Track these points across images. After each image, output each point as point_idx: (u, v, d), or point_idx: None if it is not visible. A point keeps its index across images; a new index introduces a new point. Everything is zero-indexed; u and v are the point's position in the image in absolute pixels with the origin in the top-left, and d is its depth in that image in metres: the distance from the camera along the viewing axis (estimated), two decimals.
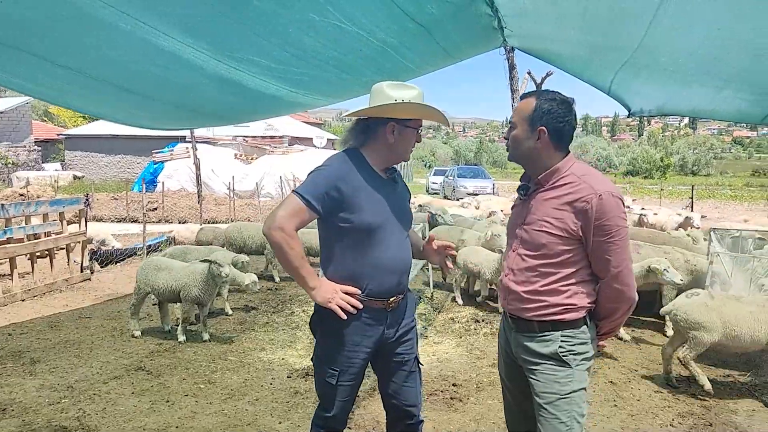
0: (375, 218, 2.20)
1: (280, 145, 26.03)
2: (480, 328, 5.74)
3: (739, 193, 27.90)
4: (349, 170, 2.20)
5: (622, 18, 4.40)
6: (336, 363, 2.27)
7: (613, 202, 1.99)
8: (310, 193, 2.14)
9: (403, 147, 2.30)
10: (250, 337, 5.41)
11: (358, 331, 2.25)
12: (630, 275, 2.07)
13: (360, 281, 2.22)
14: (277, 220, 2.10)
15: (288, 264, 2.16)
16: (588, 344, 2.11)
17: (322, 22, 3.54)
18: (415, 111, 2.25)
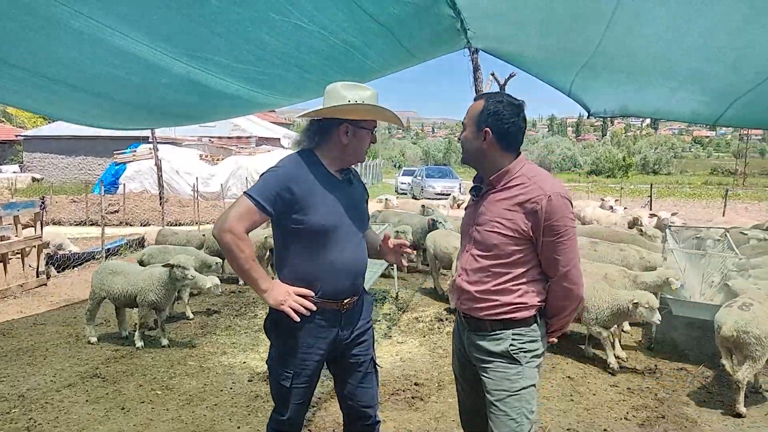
0: (328, 219, 2.19)
1: (247, 145, 25.73)
2: (444, 326, 5.78)
3: (698, 191, 28.82)
4: (301, 171, 2.18)
5: (579, 22, 4.50)
6: (290, 365, 2.25)
7: (561, 203, 2.03)
8: (261, 194, 2.12)
9: (357, 148, 2.29)
10: (211, 342, 5.32)
11: (312, 333, 2.23)
12: (578, 274, 2.11)
13: (314, 283, 2.20)
14: (227, 223, 2.08)
15: (238, 267, 2.13)
16: (538, 342, 2.15)
17: (282, 22, 3.50)
18: (368, 112, 2.24)
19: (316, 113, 2.25)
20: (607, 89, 6.66)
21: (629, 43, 4.77)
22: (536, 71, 6.43)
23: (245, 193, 2.14)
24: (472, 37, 5.41)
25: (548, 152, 52.96)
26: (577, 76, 5.95)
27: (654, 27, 4.27)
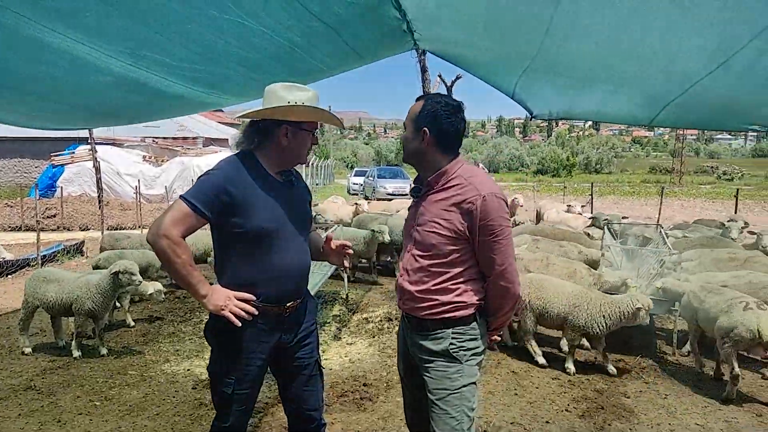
0: (269, 222, 2.16)
1: (194, 146, 25.06)
2: (393, 326, 5.81)
3: (637, 189, 30.14)
4: (239, 173, 2.14)
5: (520, 26, 4.61)
6: (232, 371, 2.21)
7: (496, 203, 2.07)
8: (197, 197, 2.07)
9: (297, 150, 2.26)
10: (154, 349, 5.15)
11: (254, 338, 2.20)
12: (514, 272, 2.15)
13: (255, 287, 2.16)
14: (162, 227, 2.02)
15: (175, 273, 2.08)
16: (478, 340, 2.19)
17: (223, 20, 3.42)
18: (308, 114, 2.22)
19: (255, 114, 2.21)
20: (550, 92, 6.85)
21: (568, 48, 4.93)
22: (481, 74, 6.55)
23: (181, 196, 2.09)
24: (418, 39, 5.46)
25: (497, 152, 54.16)
26: (520, 79, 6.10)
27: (590, 33, 4.43)
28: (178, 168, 18.23)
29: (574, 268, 5.33)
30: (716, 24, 3.88)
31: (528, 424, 3.72)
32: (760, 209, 19.86)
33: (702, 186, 33.81)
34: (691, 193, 27.32)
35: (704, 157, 64.29)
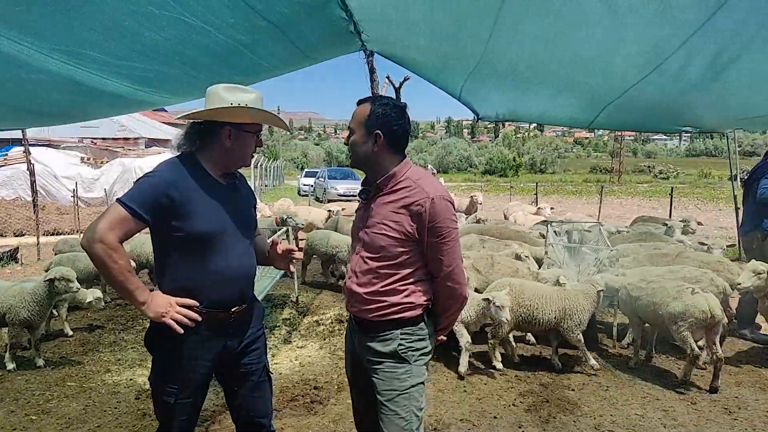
0: (211, 226, 2.11)
1: (135, 147, 24.21)
2: (344, 328, 5.76)
3: (579, 189, 31.26)
4: (180, 176, 2.09)
5: (465, 30, 4.70)
6: (174, 379, 2.14)
7: (444, 205, 2.10)
8: (135, 200, 2.00)
9: (240, 152, 2.22)
10: (94, 359, 4.93)
11: (198, 345, 2.14)
12: (461, 274, 2.19)
13: (199, 293, 2.11)
14: (98, 232, 1.94)
15: (112, 279, 2.00)
16: (426, 340, 2.22)
17: (162, 16, 3.31)
18: (252, 115, 2.18)
19: (196, 115, 2.16)
20: (495, 95, 7.02)
21: (511, 53, 5.07)
22: (428, 76, 6.64)
23: (118, 200, 2.02)
24: (366, 40, 5.47)
25: (446, 153, 54.93)
26: (466, 81, 6.22)
27: (532, 38, 4.57)
28: (119, 170, 17.50)
29: (516, 267, 5.46)
30: (649, 31, 4.08)
31: (476, 420, 3.79)
32: (694, 206, 20.98)
33: (639, 185, 35.42)
34: (629, 192, 28.58)
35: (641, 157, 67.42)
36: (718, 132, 11.29)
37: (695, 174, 42.69)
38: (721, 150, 64.36)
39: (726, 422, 3.78)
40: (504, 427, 3.71)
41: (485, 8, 3.96)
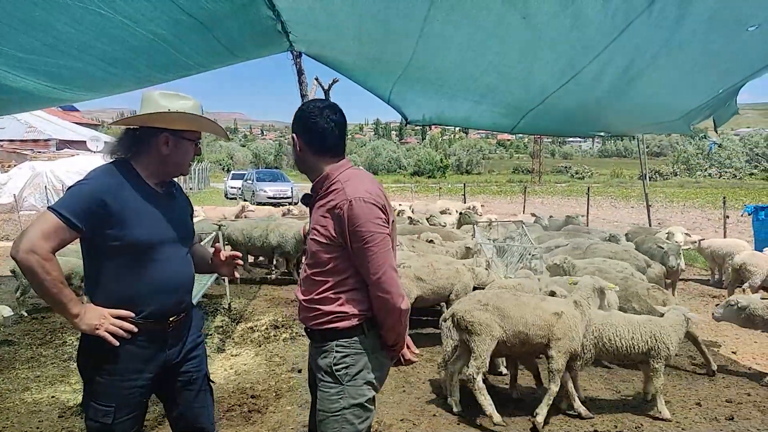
0: (148, 235, 2.04)
1: (46, 149, 22.61)
2: (279, 334, 5.67)
3: (504, 189, 32.45)
4: (116, 183, 2.01)
5: (393, 35, 4.74)
6: (111, 398, 2.02)
7: (364, 208, 1.94)
8: (69, 209, 1.90)
9: (179, 159, 2.15)
10: (10, 377, 4.55)
11: (135, 358, 2.04)
12: (392, 282, 1.97)
13: (135, 304, 2.02)
14: (30, 242, 1.83)
15: (44, 291, 1.89)
16: (364, 355, 2.04)
17: (76, 7, 3.09)
18: (190, 122, 2.12)
19: (131, 120, 2.09)
20: (422, 99, 7.14)
21: (437, 60, 5.18)
22: (357, 78, 6.63)
23: (50, 208, 1.91)
24: (294, 41, 5.38)
25: (375, 155, 55.32)
26: (395, 85, 6.29)
27: (456, 46, 4.69)
28: (29, 174, 16.25)
29: (456, 267, 5.43)
30: (565, 43, 4.31)
31: (416, 419, 3.81)
32: (609, 205, 22.32)
33: (558, 184, 37.28)
34: (549, 191, 30.00)
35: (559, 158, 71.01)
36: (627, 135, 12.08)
37: (608, 174, 45.48)
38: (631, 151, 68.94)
39: (648, 408, 4.03)
40: (444, 424, 3.76)
41: (412, 14, 4.01)
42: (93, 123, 40.99)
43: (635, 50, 4.28)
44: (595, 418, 3.85)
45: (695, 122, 7.23)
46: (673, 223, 14.99)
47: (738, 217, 15.42)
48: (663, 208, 20.85)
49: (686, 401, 4.12)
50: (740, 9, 3.62)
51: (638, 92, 5.51)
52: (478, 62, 5.05)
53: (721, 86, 5.43)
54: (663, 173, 42.13)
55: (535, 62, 4.91)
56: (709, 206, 21.26)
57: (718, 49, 4.42)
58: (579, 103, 6.00)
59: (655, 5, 3.44)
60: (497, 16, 3.87)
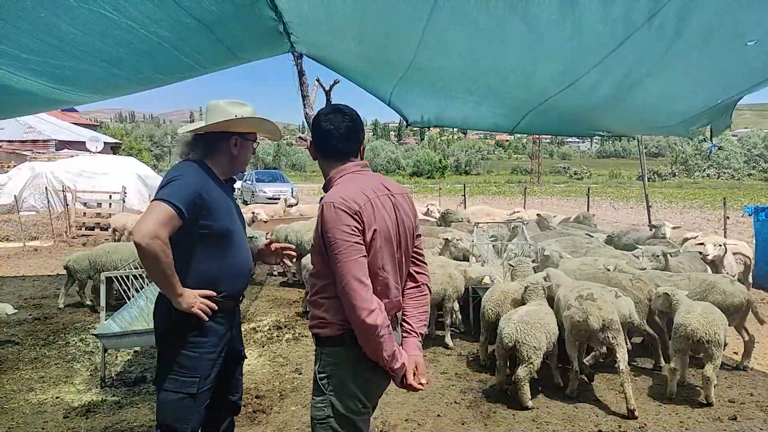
0: (228, 224, 2.34)
1: (45, 149, 22.59)
2: (282, 334, 5.68)
3: (503, 189, 32.48)
4: (205, 179, 2.30)
5: (394, 37, 4.75)
6: (197, 369, 2.27)
7: (332, 213, 1.88)
8: (178, 199, 2.14)
9: (244, 158, 2.49)
10: (14, 378, 4.54)
11: (215, 333, 2.32)
12: (353, 294, 1.84)
13: (217, 285, 2.30)
14: (152, 230, 2.06)
15: (161, 273, 2.12)
16: (346, 367, 1.97)
17: (82, 9, 3.11)
18: (254, 125, 2.46)
19: (208, 127, 2.37)
20: (422, 100, 7.16)
21: (438, 61, 5.19)
22: (358, 80, 6.65)
23: (161, 199, 2.13)
24: (295, 42, 5.40)
25: (374, 156, 55.33)
26: (396, 87, 6.30)
27: (457, 48, 4.70)
28: (28, 174, 16.16)
29: (449, 272, 5.40)
30: (565, 49, 4.34)
31: (421, 419, 3.82)
32: (608, 205, 22.35)
33: (557, 185, 37.34)
34: (548, 192, 30.04)
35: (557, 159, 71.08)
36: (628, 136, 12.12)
37: (606, 174, 45.55)
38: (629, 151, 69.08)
39: (652, 408, 4.03)
40: (448, 424, 3.77)
41: (414, 16, 4.03)
42: (92, 123, 40.93)
43: (635, 59, 4.32)
44: (599, 417, 3.86)
45: (694, 127, 7.27)
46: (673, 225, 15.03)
47: (737, 217, 15.48)
48: (662, 208, 20.89)
49: (689, 401, 4.13)
50: (739, 23, 3.66)
51: (638, 98, 5.55)
52: (479, 64, 5.06)
53: (720, 97, 5.48)
54: (661, 174, 42.23)
55: (536, 66, 4.94)
56: (708, 207, 21.31)
57: (717, 62, 4.48)
58: (579, 105, 6.02)
59: (655, 19, 3.48)
60: (498, 20, 3.88)
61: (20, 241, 11.93)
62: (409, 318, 2.14)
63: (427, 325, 2.20)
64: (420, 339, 2.15)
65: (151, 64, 4.42)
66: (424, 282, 2.21)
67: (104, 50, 3.82)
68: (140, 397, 4.12)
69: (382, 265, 1.97)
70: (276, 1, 4.16)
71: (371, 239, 1.92)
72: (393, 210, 2.04)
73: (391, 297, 2.03)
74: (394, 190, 2.11)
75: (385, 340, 1.88)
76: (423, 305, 2.18)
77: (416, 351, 2.10)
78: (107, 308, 4.61)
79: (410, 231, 2.11)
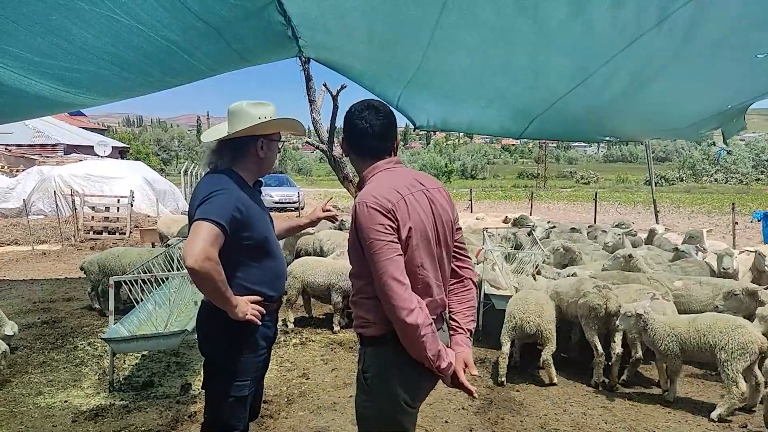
0: (265, 231, 2.37)
1: (54, 154, 22.74)
2: (289, 339, 5.67)
3: (509, 194, 32.37)
4: (240, 191, 2.29)
5: (402, 41, 4.76)
6: (248, 372, 2.34)
7: (365, 212, 1.86)
8: (222, 217, 2.14)
9: (271, 158, 2.49)
10: (23, 382, 4.54)
11: (262, 336, 2.38)
12: (391, 293, 1.81)
13: (264, 289, 2.36)
14: (204, 252, 2.05)
15: (217, 291, 2.13)
16: (389, 367, 1.94)
17: (93, 12, 3.12)
18: (279, 125, 2.45)
19: (237, 134, 2.35)
20: (429, 104, 7.16)
21: (447, 63, 5.19)
22: (365, 83, 6.65)
23: (205, 219, 2.11)
24: (303, 46, 5.40)
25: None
26: (404, 90, 6.30)
27: (466, 50, 4.70)
28: (37, 178, 16.29)
29: None
30: (576, 49, 4.33)
31: (428, 425, 3.79)
32: (615, 210, 22.23)
33: (563, 189, 37.19)
34: (555, 197, 29.90)
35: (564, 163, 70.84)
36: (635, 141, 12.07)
37: (614, 179, 45.32)
38: (636, 156, 68.75)
39: (662, 415, 3.99)
40: (456, 430, 3.74)
41: (423, 19, 4.03)
42: (100, 128, 41.24)
43: (645, 60, 4.30)
44: (608, 425, 3.83)
45: (704, 131, 7.22)
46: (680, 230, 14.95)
47: (746, 223, 15.35)
48: (670, 213, 20.75)
49: (699, 408, 4.09)
50: (749, 37, 3.66)
51: (647, 99, 5.52)
52: (488, 64, 5.05)
53: (730, 102, 5.46)
54: (669, 178, 41.96)
55: (545, 66, 4.92)
56: (716, 212, 21.16)
57: (726, 69, 4.48)
58: (587, 107, 6.00)
59: (665, 23, 3.48)
60: (508, 20, 3.88)
61: (29, 245, 11.99)
62: (455, 314, 2.09)
63: (475, 320, 2.12)
64: (468, 335, 2.08)
65: (160, 67, 4.44)
66: (468, 276, 2.14)
67: (114, 53, 3.84)
68: (148, 402, 4.12)
69: (420, 263, 1.91)
70: (285, 6, 4.17)
71: (407, 237, 1.88)
72: (429, 205, 1.98)
73: (433, 295, 1.96)
74: (429, 185, 2.04)
75: (427, 340, 1.83)
76: (468, 300, 2.12)
77: (464, 347, 2.04)
78: (115, 312, 4.61)
79: (448, 225, 2.04)
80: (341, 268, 5.83)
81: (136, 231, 13.50)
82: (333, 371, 4.77)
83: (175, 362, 4.93)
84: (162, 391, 4.34)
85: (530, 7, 3.59)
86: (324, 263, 6.11)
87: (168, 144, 69.34)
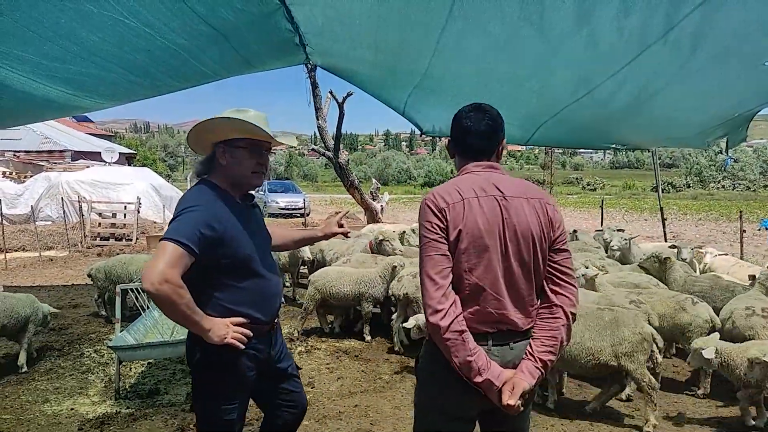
0: (249, 249, 2.20)
1: (61, 160, 22.88)
2: (295, 347, 5.64)
3: None
4: (216, 205, 2.14)
5: (409, 46, 4.76)
6: (234, 397, 2.23)
7: (422, 208, 1.93)
8: (186, 236, 2.00)
9: (239, 169, 2.22)
10: (29, 389, 4.53)
11: (251, 359, 2.23)
12: (424, 290, 1.86)
13: (248, 310, 2.20)
14: (161, 274, 1.93)
15: (180, 314, 2.00)
16: (433, 363, 1.94)
17: (100, 15, 3.14)
18: (235, 128, 2.17)
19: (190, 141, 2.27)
20: (436, 109, 7.15)
21: (453, 69, 5.19)
22: (372, 90, 6.66)
23: (168, 239, 2.00)
24: (310, 53, 5.42)
25: (386, 166, 55.46)
26: (410, 96, 6.30)
27: (472, 56, 4.70)
28: (45, 185, 16.39)
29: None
30: (581, 61, 4.32)
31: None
32: (621, 218, 22.11)
33: (569, 196, 37.08)
34: (561, 203, 29.80)
35: (570, 169, 70.69)
36: (642, 148, 12.03)
37: (620, 185, 45.16)
38: (642, 162, 68.51)
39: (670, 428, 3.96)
40: None
41: (429, 25, 4.04)
42: (107, 134, 41.52)
43: (651, 72, 4.30)
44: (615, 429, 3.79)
45: (710, 139, 7.19)
46: (687, 238, 14.86)
47: (754, 230, 15.26)
48: (677, 220, 20.64)
49: (707, 421, 4.04)
50: (755, 46, 3.64)
51: (654, 109, 5.51)
52: (494, 73, 5.05)
53: (737, 110, 5.44)
54: (676, 185, 41.78)
55: (550, 76, 4.92)
56: (724, 219, 21.03)
57: (734, 78, 4.45)
58: (594, 116, 5.98)
59: (670, 35, 3.46)
60: (513, 29, 3.88)
61: (36, 251, 12.04)
62: (533, 340, 1.93)
63: (555, 352, 1.91)
64: (539, 365, 1.87)
65: (166, 70, 4.46)
66: (560, 304, 1.93)
67: (122, 57, 3.86)
68: (154, 410, 4.10)
69: (467, 267, 1.86)
70: (293, 13, 4.19)
71: (456, 239, 1.85)
72: (497, 212, 1.88)
73: (486, 306, 1.87)
74: (510, 193, 1.92)
75: (453, 345, 1.79)
76: (551, 329, 1.92)
77: (523, 374, 1.85)
78: (122, 319, 4.61)
79: (529, 239, 1.90)
80: (369, 276, 5.71)
81: (142, 237, 13.57)
82: (338, 380, 4.74)
83: (180, 370, 4.92)
84: (168, 399, 4.32)
85: (535, 16, 3.59)
86: (348, 272, 5.92)
87: (175, 150, 69.76)
